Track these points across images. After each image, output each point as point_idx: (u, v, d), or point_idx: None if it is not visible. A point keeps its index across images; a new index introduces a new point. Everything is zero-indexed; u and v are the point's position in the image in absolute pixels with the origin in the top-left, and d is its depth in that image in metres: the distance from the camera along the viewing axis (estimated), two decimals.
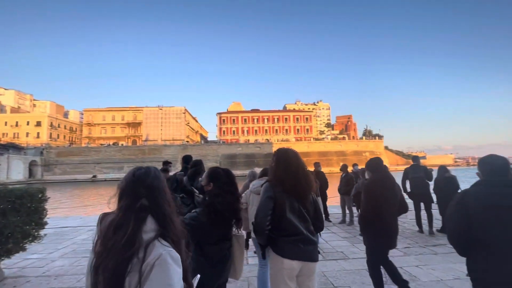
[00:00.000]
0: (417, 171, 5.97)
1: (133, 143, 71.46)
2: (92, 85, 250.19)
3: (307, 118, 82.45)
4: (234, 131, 78.25)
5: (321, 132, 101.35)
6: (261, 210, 2.03)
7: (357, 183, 6.16)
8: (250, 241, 3.50)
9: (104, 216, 1.07)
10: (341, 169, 7.32)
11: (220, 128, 77.83)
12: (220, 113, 79.38)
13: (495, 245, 1.69)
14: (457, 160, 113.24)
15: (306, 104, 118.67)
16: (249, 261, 4.46)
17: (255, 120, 79.87)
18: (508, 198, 1.69)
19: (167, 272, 0.90)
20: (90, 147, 60.20)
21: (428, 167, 6.27)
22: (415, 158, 6.35)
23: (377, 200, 2.91)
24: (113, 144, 63.14)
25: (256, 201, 2.91)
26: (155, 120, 71.91)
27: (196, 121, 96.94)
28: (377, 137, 79.82)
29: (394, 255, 4.66)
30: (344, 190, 6.96)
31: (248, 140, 73.66)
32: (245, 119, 79.54)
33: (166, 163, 5.66)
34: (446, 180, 5.76)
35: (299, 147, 70.80)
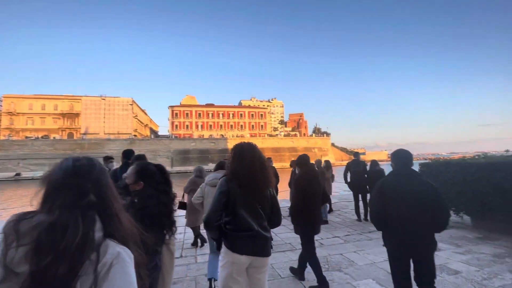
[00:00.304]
0: (357, 165, 6.64)
1: (69, 136, 63.25)
2: (15, 67, 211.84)
3: (261, 115, 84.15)
4: (187, 125, 75.46)
5: (275, 129, 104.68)
6: (213, 205, 2.00)
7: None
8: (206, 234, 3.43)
9: (20, 218, 0.85)
10: (291, 165, 7.62)
11: (173, 122, 74.18)
12: (172, 107, 75.54)
13: (401, 220, 2.26)
14: (390, 155, 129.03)
15: (261, 101, 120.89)
16: (198, 259, 4.35)
17: (210, 115, 78.31)
18: (411, 184, 2.29)
19: (127, 270, 0.85)
20: (12, 140, 51.21)
21: (366, 162, 7.01)
22: (356, 154, 7.02)
23: (304, 192, 3.21)
24: (43, 137, 54.85)
25: (211, 193, 2.90)
26: (96, 111, 64.54)
27: (146, 114, 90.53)
28: (325, 135, 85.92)
29: (336, 243, 5.08)
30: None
31: (203, 135, 71.92)
32: (199, 114, 77.32)
33: (107, 159, 5.13)
34: (376, 173, 6.51)
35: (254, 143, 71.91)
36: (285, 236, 5.68)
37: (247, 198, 2.04)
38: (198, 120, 76.94)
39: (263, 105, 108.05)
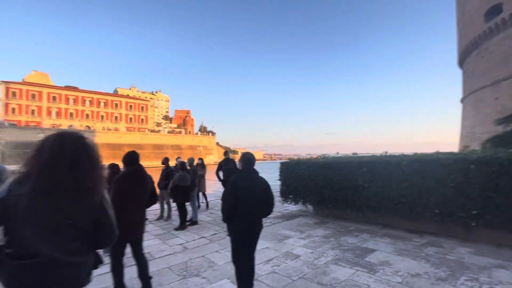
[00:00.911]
0: (228, 163, 6.84)
1: None
2: None
3: (142, 107, 75.71)
4: (33, 110, 57.50)
5: (158, 124, 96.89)
6: None
7: (174, 177, 6.02)
8: None
9: None
10: (162, 162, 6.95)
11: (7, 104, 54.49)
12: (7, 82, 55.34)
13: (248, 210, 2.70)
14: (265, 155, 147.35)
15: (143, 92, 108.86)
16: None
17: (72, 101, 62.93)
18: (253, 180, 2.80)
19: None
20: None
21: (235, 161, 7.35)
22: (226, 153, 7.23)
23: (125, 193, 2.92)
24: None
25: None
26: None
27: None
28: (210, 134, 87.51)
29: (200, 244, 4.90)
30: (163, 184, 6.65)
31: (59, 125, 56.86)
32: (54, 97, 60.60)
33: None
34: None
35: (131, 138, 63.48)
36: (145, 244, 4.96)
37: (40, 209, 1.40)
38: (53, 105, 60.28)
39: (146, 97, 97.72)
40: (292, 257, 4.11)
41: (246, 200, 2.67)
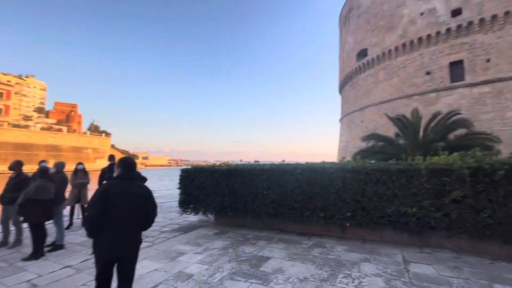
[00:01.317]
0: (111, 170, 5.67)
1: None
2: None
3: (2, 93, 57.36)
4: None
5: (27, 118, 75.30)
6: None
7: (27, 188, 4.42)
8: None
9: None
10: (10, 167, 5.02)
11: None
12: None
13: (120, 222, 2.36)
14: (171, 161, 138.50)
15: (5, 74, 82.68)
16: None
17: None
18: (130, 187, 2.46)
19: None
20: None
21: None
22: (111, 157, 6.05)
23: None
24: None
25: None
26: None
27: None
28: (104, 134, 74.92)
29: (60, 278, 3.69)
30: (9, 197, 4.80)
31: None
32: None
33: None
34: (139, 176, 6.10)
35: None
36: None
37: None
38: None
39: (8, 81, 74.53)
40: (184, 278, 3.60)
41: (118, 209, 2.34)
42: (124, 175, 2.51)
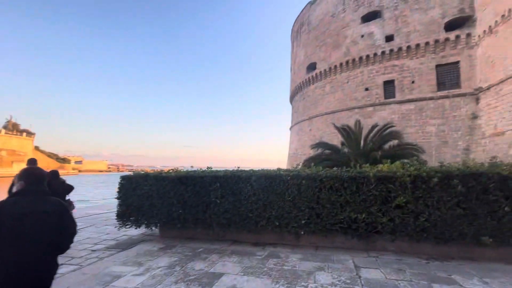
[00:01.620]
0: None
1: None
2: None
3: None
4: None
5: None
6: None
7: None
8: None
9: None
10: None
11: None
12: None
13: (14, 252, 1.88)
14: (111, 166, 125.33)
15: None
16: None
17: None
18: (36, 205, 2.01)
19: None
20: None
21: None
22: (32, 161, 4.90)
23: None
24: None
25: None
26: None
27: None
28: (25, 133, 63.81)
29: None
30: None
31: None
32: None
33: None
34: (59, 185, 5.43)
35: None
36: None
37: None
38: None
39: None
40: None
41: (16, 233, 1.91)
42: (26, 190, 2.08)
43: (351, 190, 4.80)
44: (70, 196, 5.81)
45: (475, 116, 17.90)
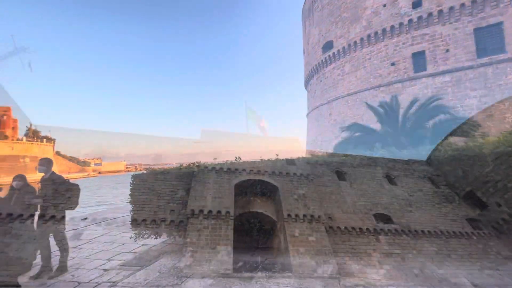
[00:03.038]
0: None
1: None
2: None
3: None
4: None
5: None
6: None
7: None
8: None
9: None
10: None
11: None
12: None
13: None
14: (129, 166, 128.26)
15: None
16: None
17: None
18: None
19: None
20: None
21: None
22: (45, 162, 3.88)
23: None
24: None
25: None
26: None
27: None
28: (45, 140, 65.72)
29: None
30: None
31: None
32: None
33: None
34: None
35: None
36: None
37: None
38: None
39: None
40: None
41: None
42: None
43: None
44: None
45: None
